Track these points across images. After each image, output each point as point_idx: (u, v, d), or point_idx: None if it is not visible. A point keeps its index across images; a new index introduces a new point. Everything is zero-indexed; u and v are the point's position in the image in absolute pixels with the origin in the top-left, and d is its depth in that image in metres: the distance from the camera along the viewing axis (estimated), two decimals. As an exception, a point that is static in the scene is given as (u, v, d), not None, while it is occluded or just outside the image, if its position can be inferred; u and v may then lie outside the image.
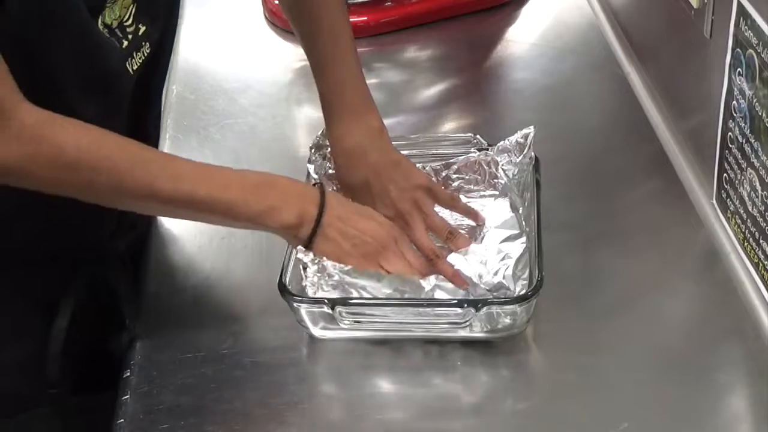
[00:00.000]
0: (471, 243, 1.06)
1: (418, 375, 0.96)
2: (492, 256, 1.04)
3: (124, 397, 0.96)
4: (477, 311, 0.94)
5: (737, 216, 1.04)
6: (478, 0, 1.54)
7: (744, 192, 1.01)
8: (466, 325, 0.95)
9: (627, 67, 1.38)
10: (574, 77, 1.39)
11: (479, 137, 1.14)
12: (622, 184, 1.18)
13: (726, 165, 1.05)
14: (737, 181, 1.03)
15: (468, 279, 1.01)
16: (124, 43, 0.92)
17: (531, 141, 1.09)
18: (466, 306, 0.94)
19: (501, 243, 1.06)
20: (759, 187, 0.97)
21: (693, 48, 1.13)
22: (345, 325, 0.97)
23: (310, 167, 1.11)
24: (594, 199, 1.16)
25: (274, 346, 1.00)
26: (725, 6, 1.00)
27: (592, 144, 1.26)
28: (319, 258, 0.97)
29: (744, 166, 1.00)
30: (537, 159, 1.09)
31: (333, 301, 0.95)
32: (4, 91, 0.82)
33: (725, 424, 0.91)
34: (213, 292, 1.08)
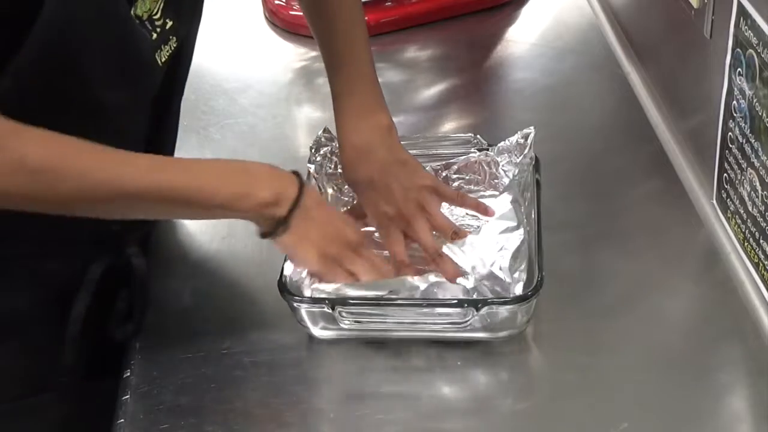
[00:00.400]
0: (468, 235, 1.06)
1: (418, 375, 0.97)
2: (489, 248, 1.04)
3: (124, 397, 0.96)
4: (477, 311, 0.94)
5: (737, 216, 1.04)
6: (478, 0, 1.54)
7: (744, 192, 1.01)
8: (466, 325, 0.95)
9: (627, 67, 1.38)
10: (574, 77, 1.39)
11: (479, 137, 1.14)
12: (622, 184, 1.18)
13: (726, 165, 1.05)
14: (737, 181, 1.03)
15: (462, 271, 1.01)
16: (153, 36, 0.93)
17: (531, 141, 1.09)
18: (467, 306, 0.94)
19: (499, 234, 1.06)
20: (759, 187, 0.97)
21: (693, 48, 1.13)
22: (345, 326, 0.97)
23: (311, 167, 1.11)
24: (594, 199, 1.16)
25: (274, 346, 1.00)
26: (725, 6, 1.00)
27: (592, 144, 1.26)
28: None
29: (744, 166, 1.00)
30: (537, 159, 1.09)
31: (333, 301, 0.95)
32: None
33: (725, 424, 0.92)
34: (213, 292, 1.08)
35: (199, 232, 1.15)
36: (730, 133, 1.03)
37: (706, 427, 0.91)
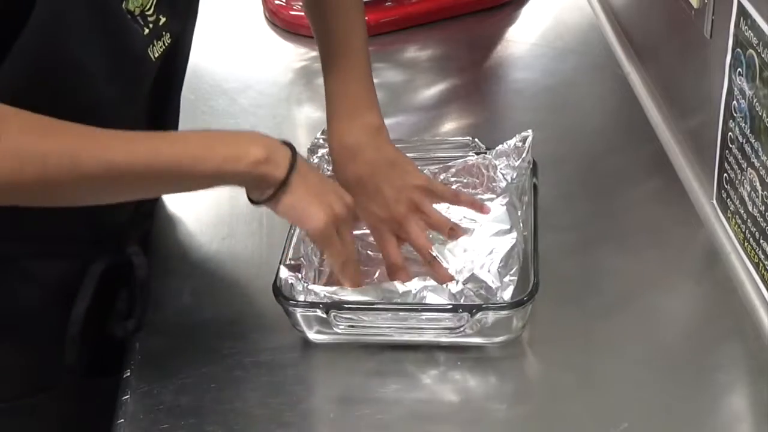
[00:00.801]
0: (463, 235, 1.06)
1: (415, 377, 0.96)
2: (479, 250, 1.03)
3: (124, 397, 0.96)
4: (472, 316, 0.93)
5: (737, 216, 1.04)
6: (478, 0, 1.54)
7: (744, 192, 1.01)
8: (460, 330, 0.95)
9: (627, 67, 1.38)
10: (574, 77, 1.39)
11: (477, 141, 1.13)
12: (622, 184, 1.18)
13: (726, 165, 1.05)
14: (737, 181, 1.03)
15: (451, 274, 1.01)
16: (146, 31, 0.92)
17: (529, 144, 1.09)
18: (461, 311, 0.94)
19: (491, 237, 1.05)
20: (759, 187, 0.97)
21: (693, 48, 1.13)
22: (339, 330, 0.97)
23: None
24: (594, 199, 1.16)
25: (274, 347, 0.99)
26: (725, 6, 1.00)
27: (592, 144, 1.26)
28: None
29: (744, 166, 1.00)
30: (535, 163, 1.09)
31: (327, 306, 0.95)
32: None
33: (725, 424, 0.91)
34: (213, 292, 1.08)
35: (200, 233, 1.15)
36: (730, 133, 1.03)
37: (706, 427, 0.91)
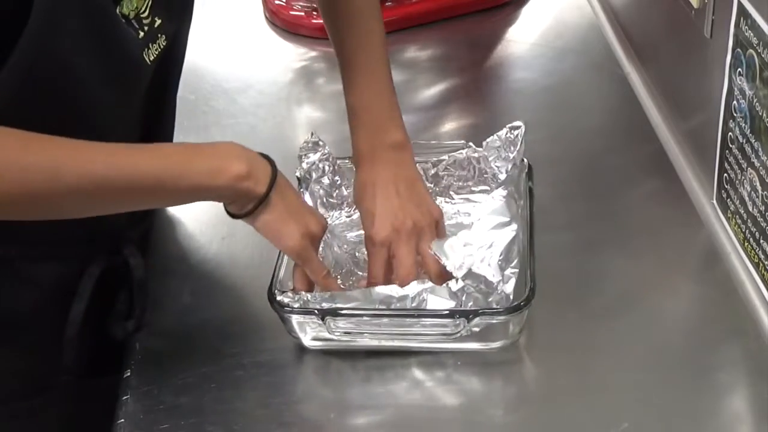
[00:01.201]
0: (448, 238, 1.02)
1: (413, 379, 0.96)
2: (479, 244, 1.00)
3: (124, 397, 0.96)
4: (469, 322, 0.93)
5: (737, 216, 1.04)
6: (478, 0, 1.54)
7: (744, 192, 1.01)
8: (457, 335, 0.94)
9: (627, 67, 1.38)
10: (574, 77, 1.39)
11: (472, 144, 1.11)
12: (622, 184, 1.18)
13: (726, 165, 1.05)
14: (737, 181, 1.03)
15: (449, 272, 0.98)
16: (140, 34, 0.92)
17: (522, 135, 1.06)
18: (458, 316, 0.93)
19: (490, 230, 1.02)
20: (759, 187, 0.97)
21: (693, 48, 1.13)
22: (335, 336, 0.96)
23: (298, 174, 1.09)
24: (593, 199, 1.16)
25: (273, 347, 0.99)
26: (725, 6, 1.00)
27: (591, 144, 1.26)
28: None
29: (744, 166, 1.00)
30: (530, 167, 1.08)
31: (323, 312, 0.94)
32: None
33: (725, 424, 0.91)
34: (213, 292, 1.08)
35: (199, 233, 1.15)
36: (730, 133, 1.03)
37: (706, 427, 0.91)
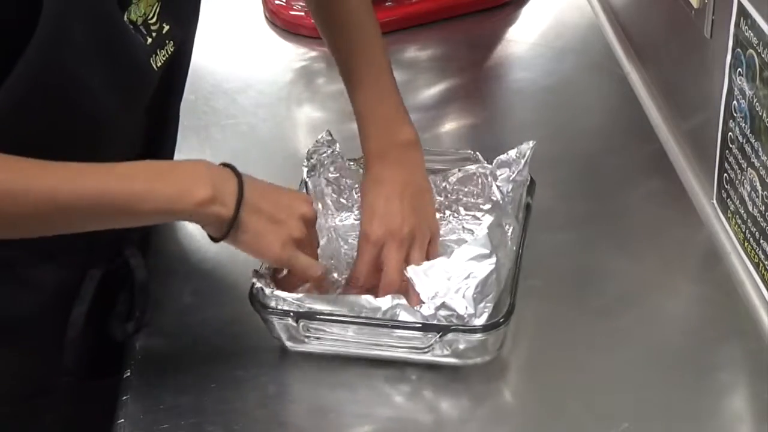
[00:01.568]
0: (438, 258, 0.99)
1: (412, 388, 0.96)
2: (456, 274, 0.95)
3: (124, 397, 0.96)
4: (441, 338, 0.91)
5: (737, 216, 1.04)
6: (478, 0, 1.54)
7: (744, 192, 1.01)
8: (428, 350, 0.93)
9: (627, 67, 1.38)
10: (574, 77, 1.39)
11: (478, 154, 1.10)
12: (621, 184, 1.18)
13: (726, 165, 1.05)
14: (737, 181, 1.03)
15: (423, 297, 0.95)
16: (148, 40, 0.92)
17: (528, 157, 1.05)
18: (430, 331, 0.91)
19: (468, 261, 0.95)
20: (759, 187, 0.97)
21: (693, 48, 1.13)
22: (306, 341, 0.96)
23: (307, 176, 1.08)
24: (593, 199, 1.16)
25: (274, 347, 0.99)
26: (725, 6, 1.00)
27: (591, 143, 1.26)
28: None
29: (744, 166, 1.00)
30: (533, 181, 1.06)
31: (297, 315, 0.94)
32: None
33: (725, 424, 0.92)
34: (213, 292, 1.08)
35: (199, 233, 1.13)
36: (730, 133, 1.03)
37: (706, 427, 0.91)
